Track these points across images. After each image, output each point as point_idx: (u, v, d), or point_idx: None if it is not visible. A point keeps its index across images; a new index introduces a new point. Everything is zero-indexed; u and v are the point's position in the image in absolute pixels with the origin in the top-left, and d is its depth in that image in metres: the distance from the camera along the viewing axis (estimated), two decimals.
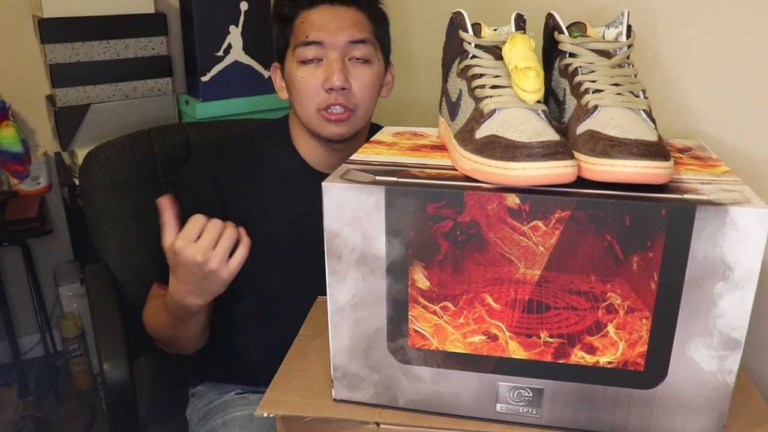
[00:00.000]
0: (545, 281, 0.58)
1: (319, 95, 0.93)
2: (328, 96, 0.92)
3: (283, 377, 0.72)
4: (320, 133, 0.95)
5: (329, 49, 0.92)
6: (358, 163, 0.66)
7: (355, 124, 0.95)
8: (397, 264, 0.60)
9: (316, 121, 0.95)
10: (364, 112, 0.96)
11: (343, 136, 0.95)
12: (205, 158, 1.02)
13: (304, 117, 0.96)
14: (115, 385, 0.99)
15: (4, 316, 1.82)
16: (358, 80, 0.94)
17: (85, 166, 1.22)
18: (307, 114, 0.95)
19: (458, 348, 0.62)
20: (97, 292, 1.14)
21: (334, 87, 0.91)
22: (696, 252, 0.54)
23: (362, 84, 0.94)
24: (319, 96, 0.93)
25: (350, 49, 0.93)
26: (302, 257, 0.98)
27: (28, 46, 1.81)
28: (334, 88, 0.91)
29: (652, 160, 0.55)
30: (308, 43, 0.92)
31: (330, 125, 0.94)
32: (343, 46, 0.93)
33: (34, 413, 1.74)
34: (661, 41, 0.90)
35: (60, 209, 1.98)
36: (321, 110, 0.93)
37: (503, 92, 0.62)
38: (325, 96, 0.93)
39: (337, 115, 0.93)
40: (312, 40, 0.92)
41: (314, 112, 0.94)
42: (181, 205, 1.00)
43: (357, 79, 0.94)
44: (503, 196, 0.56)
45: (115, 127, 1.68)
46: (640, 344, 0.58)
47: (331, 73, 0.91)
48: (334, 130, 0.94)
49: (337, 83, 0.91)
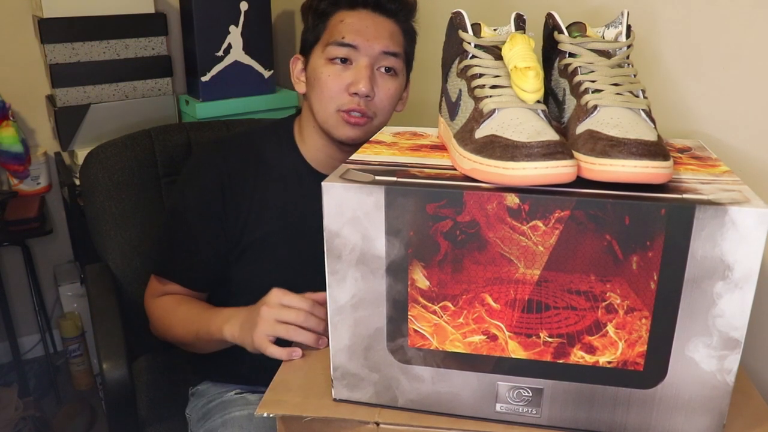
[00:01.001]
0: (545, 281, 0.58)
1: (341, 97, 0.93)
2: (350, 99, 0.93)
3: (282, 377, 0.72)
4: (334, 134, 0.95)
5: (362, 54, 0.93)
6: (357, 163, 0.66)
7: (369, 132, 0.95)
8: (396, 264, 0.60)
9: (333, 121, 0.95)
10: (381, 121, 0.97)
11: (356, 141, 0.95)
12: (208, 156, 1.02)
13: (321, 115, 0.96)
14: (115, 385, 0.99)
15: (4, 316, 1.82)
16: (382, 90, 0.95)
17: (86, 165, 1.22)
18: (326, 113, 0.95)
19: (458, 348, 0.62)
20: (97, 292, 1.14)
21: (359, 92, 0.92)
22: (695, 252, 0.54)
23: (385, 95, 0.95)
24: (341, 98, 0.93)
25: (381, 59, 0.94)
26: (301, 257, 0.98)
27: (28, 46, 1.81)
28: (359, 93, 0.92)
29: (651, 160, 0.55)
30: (343, 44, 0.93)
31: (346, 128, 0.94)
32: (375, 54, 0.93)
33: (34, 413, 1.74)
34: (661, 41, 0.90)
35: (60, 209, 1.98)
36: (341, 111, 0.94)
37: (503, 92, 0.62)
38: (348, 99, 0.93)
39: (356, 119, 0.94)
40: (348, 42, 0.92)
41: (333, 112, 0.94)
42: (184, 202, 1.01)
43: (381, 89, 0.94)
44: (503, 196, 0.56)
45: (115, 127, 1.68)
46: (639, 344, 0.58)
47: (359, 78, 0.92)
48: (349, 133, 0.94)
49: (363, 90, 0.92)
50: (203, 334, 0.91)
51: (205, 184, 0.99)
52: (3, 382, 1.95)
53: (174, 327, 0.98)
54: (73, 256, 2.06)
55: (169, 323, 0.99)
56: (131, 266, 1.22)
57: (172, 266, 1.01)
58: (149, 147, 1.25)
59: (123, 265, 1.21)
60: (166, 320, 1.00)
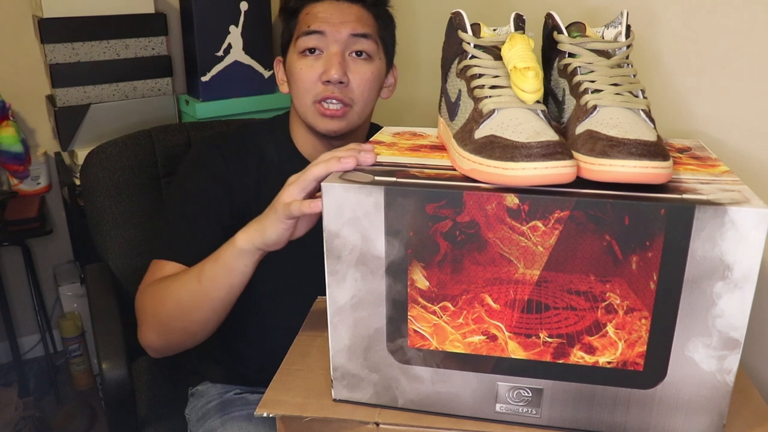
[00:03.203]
0: (544, 281, 0.58)
1: (315, 87, 0.92)
2: (324, 88, 0.92)
3: (282, 377, 0.72)
4: (315, 126, 0.95)
5: (330, 41, 0.92)
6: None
7: (351, 121, 0.94)
8: (396, 264, 0.60)
9: (311, 114, 0.94)
10: (361, 108, 0.95)
11: (338, 133, 0.94)
12: (210, 146, 1.01)
13: (301, 109, 0.95)
14: (114, 385, 0.99)
15: (4, 316, 1.82)
16: (357, 76, 0.93)
17: (86, 165, 1.22)
18: (304, 106, 0.95)
19: (458, 348, 0.62)
20: (97, 292, 1.14)
21: (332, 79, 0.91)
22: (695, 252, 0.54)
23: (361, 80, 0.93)
24: (315, 88, 0.93)
25: (351, 43, 0.93)
26: (297, 257, 0.98)
27: (28, 46, 1.81)
28: (331, 81, 0.91)
29: (651, 160, 0.55)
30: (310, 32, 0.92)
31: (325, 120, 0.93)
32: (344, 39, 0.92)
33: (34, 413, 1.74)
34: (661, 41, 0.90)
35: (60, 209, 1.98)
36: (317, 102, 0.93)
37: (502, 92, 0.62)
38: (322, 88, 0.92)
39: (333, 111, 0.92)
40: (314, 30, 0.92)
41: (310, 104, 0.93)
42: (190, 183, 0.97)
43: (356, 74, 0.93)
44: (502, 196, 0.56)
45: (115, 127, 1.68)
46: (639, 344, 0.58)
47: (330, 65, 0.91)
48: (329, 125, 0.94)
49: (335, 76, 0.90)
50: (208, 270, 0.82)
51: (212, 167, 0.98)
52: (3, 382, 1.95)
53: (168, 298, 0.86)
54: (73, 256, 2.06)
55: (162, 298, 0.87)
56: (131, 266, 1.22)
57: (177, 247, 0.95)
58: (149, 147, 1.25)
59: (123, 265, 1.21)
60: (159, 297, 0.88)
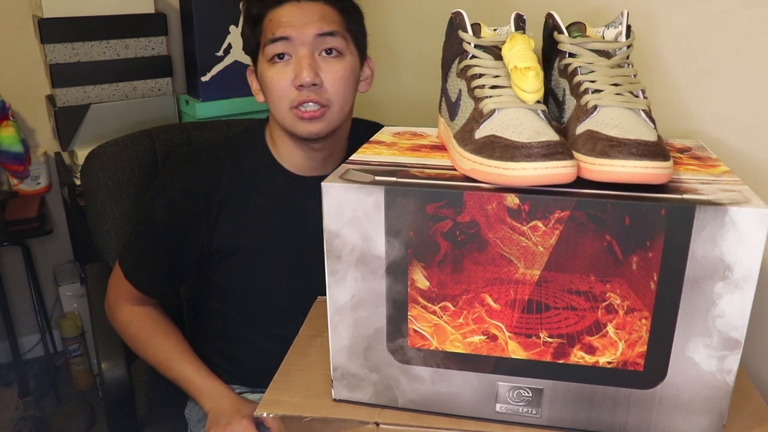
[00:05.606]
0: (545, 281, 0.58)
1: (290, 93, 0.90)
2: (299, 93, 0.90)
3: (282, 377, 0.72)
4: (295, 132, 0.93)
5: (298, 45, 0.90)
6: (357, 163, 0.66)
7: (331, 121, 0.92)
8: (396, 264, 0.60)
9: (290, 120, 0.92)
10: (339, 107, 0.93)
11: (319, 135, 0.92)
12: (178, 168, 1.00)
13: (279, 117, 0.93)
14: (114, 385, 0.99)
15: (4, 316, 1.82)
16: (329, 75, 0.91)
17: (86, 165, 1.22)
18: (281, 113, 0.92)
19: (458, 348, 0.62)
20: (97, 292, 1.14)
21: (304, 83, 0.89)
22: (695, 252, 0.54)
23: (334, 78, 0.91)
24: (290, 94, 0.90)
25: (319, 43, 0.91)
26: (286, 261, 0.98)
27: (28, 46, 1.81)
28: (304, 85, 0.89)
29: (651, 160, 0.55)
30: (276, 39, 0.90)
31: (304, 123, 0.91)
32: (311, 41, 0.90)
33: (34, 413, 1.74)
34: (661, 41, 0.90)
35: (60, 209, 1.98)
36: (293, 108, 0.91)
37: (503, 92, 0.62)
38: (297, 93, 0.90)
39: (311, 113, 0.90)
40: (279, 36, 0.90)
41: (287, 110, 0.91)
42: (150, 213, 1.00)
43: (329, 73, 0.91)
44: (503, 196, 0.56)
45: (115, 127, 1.68)
46: (639, 344, 0.58)
47: (301, 69, 0.89)
48: (309, 128, 0.91)
49: (307, 79, 0.88)
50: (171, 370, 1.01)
51: (172, 199, 0.97)
52: (3, 382, 1.95)
53: (148, 355, 1.02)
54: (73, 256, 2.06)
55: (143, 349, 1.03)
56: None
57: (131, 269, 1.02)
58: (149, 147, 1.25)
59: None
60: (141, 345, 1.03)
